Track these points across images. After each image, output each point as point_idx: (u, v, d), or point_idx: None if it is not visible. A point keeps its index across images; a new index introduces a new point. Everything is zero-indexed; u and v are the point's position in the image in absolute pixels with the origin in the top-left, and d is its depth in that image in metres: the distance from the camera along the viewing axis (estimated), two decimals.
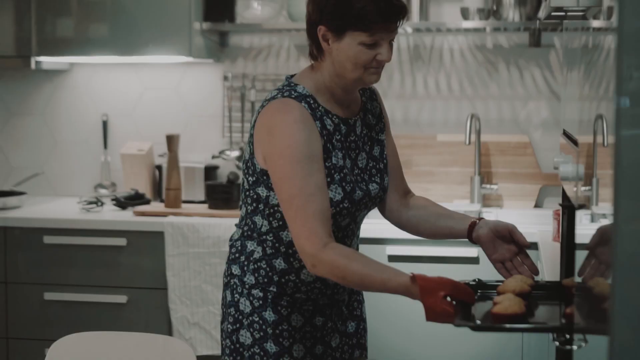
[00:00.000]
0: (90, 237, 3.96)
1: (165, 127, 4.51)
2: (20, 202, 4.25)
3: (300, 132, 2.19)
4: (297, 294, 2.37)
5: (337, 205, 2.27)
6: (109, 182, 4.55)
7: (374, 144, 2.42)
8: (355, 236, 2.42)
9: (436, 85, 4.35)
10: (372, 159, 2.40)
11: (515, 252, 2.32)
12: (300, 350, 2.38)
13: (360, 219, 2.41)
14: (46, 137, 4.66)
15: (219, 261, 3.85)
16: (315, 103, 2.28)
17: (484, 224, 2.34)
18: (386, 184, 2.41)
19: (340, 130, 2.31)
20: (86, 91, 4.61)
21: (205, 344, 3.89)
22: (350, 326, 2.49)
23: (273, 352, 2.35)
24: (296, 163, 2.17)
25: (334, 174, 2.27)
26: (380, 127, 2.45)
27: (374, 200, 2.39)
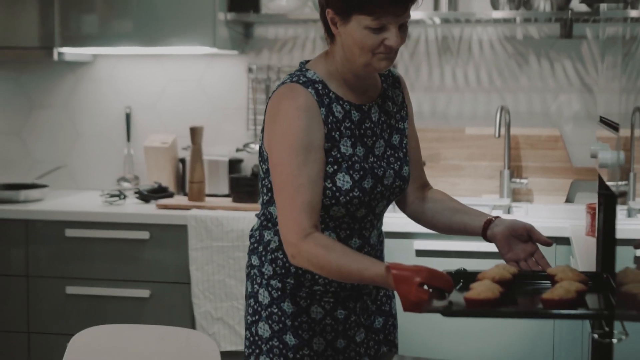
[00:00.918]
0: (113, 231, 3.92)
1: (188, 120, 4.46)
2: (42, 195, 4.21)
3: (301, 119, 2.15)
4: (315, 286, 2.31)
5: (347, 194, 2.21)
6: (132, 175, 4.50)
7: (393, 131, 2.35)
8: (374, 228, 2.34)
9: (465, 77, 4.28)
10: (391, 147, 2.33)
11: (531, 253, 2.26)
12: (321, 343, 2.32)
13: (380, 210, 2.33)
14: (68, 129, 4.61)
15: (242, 255, 3.79)
16: (325, 89, 2.23)
17: (500, 222, 2.29)
18: (405, 173, 2.34)
19: (351, 117, 2.26)
20: (109, 83, 4.56)
21: (229, 339, 3.83)
22: (378, 321, 2.42)
23: (292, 345, 2.30)
24: (292, 151, 2.14)
25: (341, 162, 2.22)
26: (401, 116, 2.38)
27: (392, 190, 2.31)
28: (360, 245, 2.31)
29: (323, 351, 2.32)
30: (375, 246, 2.36)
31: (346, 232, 2.28)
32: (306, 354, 2.31)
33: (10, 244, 4.01)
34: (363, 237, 2.31)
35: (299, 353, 2.31)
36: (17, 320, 4.02)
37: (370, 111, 2.30)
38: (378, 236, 2.37)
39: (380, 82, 2.35)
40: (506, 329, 3.59)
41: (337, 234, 2.27)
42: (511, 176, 4.14)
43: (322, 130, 2.18)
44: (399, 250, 3.58)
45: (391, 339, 2.44)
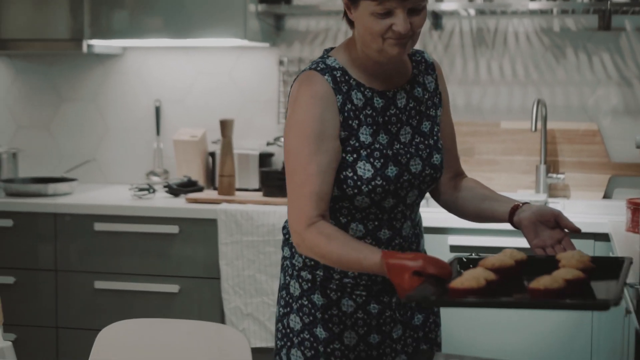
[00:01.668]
0: (142, 225, 3.87)
1: (218, 113, 4.41)
2: (71, 189, 4.18)
3: (314, 108, 2.13)
4: (345, 278, 2.26)
5: (369, 182, 2.16)
6: (161, 169, 4.46)
7: (423, 118, 2.28)
8: (407, 219, 2.27)
9: (500, 70, 4.19)
10: (420, 135, 2.26)
11: (558, 239, 2.16)
12: (352, 337, 2.26)
13: (412, 201, 2.26)
14: (98, 123, 4.59)
15: (273, 250, 3.73)
16: (344, 76, 2.19)
17: (527, 208, 2.19)
18: (437, 161, 2.26)
19: (373, 104, 2.20)
20: (138, 76, 4.53)
21: (259, 335, 3.77)
22: (417, 318, 2.34)
23: (323, 338, 2.26)
24: (304, 139, 2.12)
25: (360, 150, 2.17)
26: (433, 102, 2.30)
27: (422, 179, 2.24)
28: (390, 236, 2.25)
29: (355, 346, 2.27)
30: (409, 238, 2.28)
31: (374, 223, 2.23)
32: (337, 348, 2.27)
33: (39, 238, 3.98)
34: (394, 228, 2.25)
35: (329, 347, 2.26)
36: (45, 315, 3.99)
37: (395, 97, 2.24)
38: (412, 228, 2.30)
39: (411, 67, 2.29)
40: (544, 320, 3.51)
41: (364, 225, 2.22)
42: (547, 171, 4.05)
43: (336, 119, 2.15)
44: (433, 246, 3.50)
45: (432, 337, 2.36)
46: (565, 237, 2.16)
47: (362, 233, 2.22)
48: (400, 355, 2.31)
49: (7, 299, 3.91)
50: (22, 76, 4.64)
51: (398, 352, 2.31)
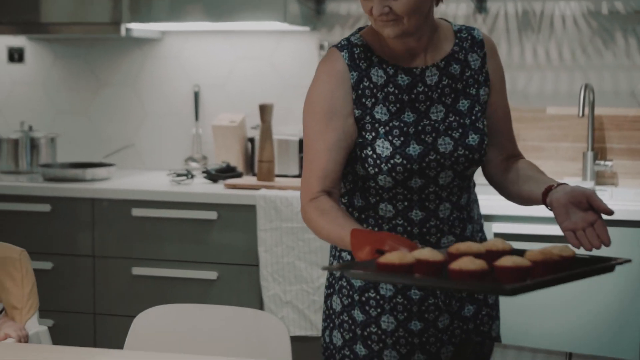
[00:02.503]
0: (180, 210, 3.83)
1: (258, 99, 4.36)
2: (109, 174, 4.15)
3: (325, 85, 2.15)
4: None
5: (387, 161, 2.13)
6: (200, 155, 4.42)
7: (460, 96, 2.20)
8: (445, 201, 2.19)
9: (546, 54, 4.09)
10: (455, 113, 2.19)
11: (591, 222, 2.02)
12: (391, 322, 2.21)
13: (446, 182, 2.18)
14: (136, 108, 4.55)
15: (313, 237, 3.67)
16: (366, 52, 2.17)
17: (561, 189, 2.07)
18: (473, 142, 2.18)
19: (396, 82, 2.16)
20: (177, 61, 4.49)
21: (298, 324, 3.72)
22: (468, 309, 2.26)
23: (360, 321, 2.22)
24: (315, 116, 2.15)
25: (378, 128, 2.14)
26: (476, 81, 2.22)
27: (455, 160, 2.16)
28: (423, 218, 2.18)
29: (393, 331, 2.21)
30: (449, 221, 2.20)
31: (404, 204, 2.18)
32: (373, 332, 2.22)
33: (76, 224, 3.95)
34: (427, 209, 2.18)
35: (366, 330, 2.22)
36: (83, 302, 3.96)
37: (423, 75, 2.18)
38: (456, 211, 2.21)
39: (451, 44, 2.22)
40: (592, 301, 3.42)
41: (393, 205, 2.18)
42: (595, 158, 3.95)
43: (348, 97, 2.15)
44: None
45: (485, 330, 2.28)
46: (598, 220, 2.03)
47: (392, 213, 2.18)
48: (447, 346, 2.24)
49: (44, 285, 3.89)
50: (61, 61, 4.62)
51: (444, 343, 2.24)
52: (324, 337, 2.31)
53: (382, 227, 2.20)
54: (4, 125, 4.67)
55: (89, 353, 2.20)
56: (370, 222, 2.21)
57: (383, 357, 2.22)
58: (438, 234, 2.19)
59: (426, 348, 2.23)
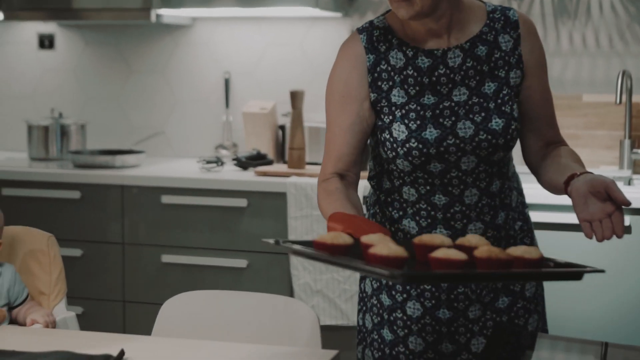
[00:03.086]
0: (210, 198, 3.80)
1: (289, 86, 4.31)
2: (139, 161, 4.13)
3: (342, 68, 2.16)
4: None
5: (403, 145, 2.09)
6: (230, 142, 4.39)
7: (486, 79, 2.13)
8: (470, 186, 2.13)
9: (582, 40, 4.02)
10: (479, 96, 2.12)
11: (608, 213, 1.93)
12: (417, 309, 2.18)
13: (469, 167, 2.11)
14: (166, 95, 4.53)
15: None
16: (386, 35, 2.14)
17: (582, 178, 1.99)
18: (497, 127, 2.10)
19: (415, 65, 2.12)
20: (208, 48, 4.45)
21: (328, 313, 3.67)
22: (502, 301, 2.20)
23: (387, 306, 2.20)
24: (331, 99, 2.17)
25: (394, 112, 2.12)
26: (506, 62, 2.14)
27: (477, 145, 2.09)
28: (447, 202, 2.13)
29: (419, 318, 2.17)
30: (477, 208, 2.14)
31: (426, 188, 2.14)
32: (399, 317, 2.19)
33: (106, 211, 3.94)
34: (450, 194, 2.13)
35: (392, 315, 2.19)
36: (112, 289, 3.95)
37: (445, 56, 2.12)
38: (486, 197, 2.14)
39: (481, 25, 2.15)
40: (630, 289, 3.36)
41: (416, 189, 2.14)
42: (632, 146, 3.87)
43: (364, 80, 2.13)
44: None
45: (520, 324, 2.22)
46: (616, 212, 1.93)
47: (415, 197, 2.15)
48: (478, 338, 2.19)
49: (74, 272, 3.89)
50: (91, 47, 4.60)
51: (475, 334, 2.18)
52: (358, 319, 2.30)
53: (407, 211, 2.16)
54: (34, 112, 4.66)
55: (116, 339, 2.17)
56: (396, 205, 2.18)
57: (408, 344, 2.19)
58: (464, 220, 2.14)
59: (455, 338, 2.18)
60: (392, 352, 2.21)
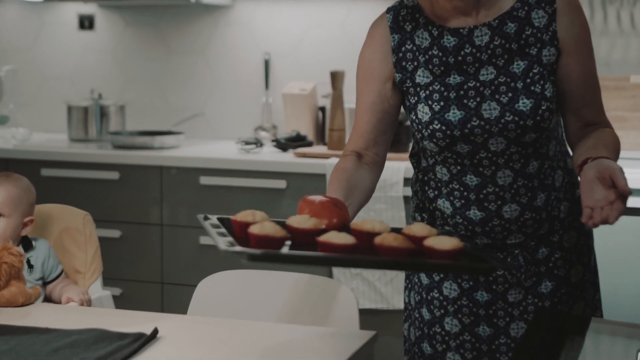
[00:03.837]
0: (249, 179, 3.77)
1: (329, 67, 4.26)
2: (178, 142, 4.12)
3: (365, 47, 2.16)
4: (446, 226, 2.13)
5: (427, 126, 2.06)
6: (270, 124, 4.35)
7: (515, 57, 2.05)
8: (503, 167, 2.06)
9: (631, 20, 3.93)
10: (507, 75, 2.04)
11: (611, 202, 1.83)
12: (453, 289, 2.14)
13: (499, 148, 2.04)
14: (206, 76, 4.50)
15: (384, 207, 3.57)
16: (414, 14, 2.10)
17: (594, 164, 1.91)
18: (524, 107, 2.01)
19: (440, 44, 2.07)
20: (248, 29, 4.41)
21: (367, 296, 3.63)
22: (545, 285, 2.13)
23: (425, 285, 2.16)
24: (357, 78, 2.17)
25: (419, 92, 2.08)
26: (538, 39, 2.05)
27: (503, 126, 2.01)
28: (479, 183, 2.07)
29: (456, 299, 2.13)
30: (510, 189, 2.07)
31: (457, 168, 2.09)
32: (436, 297, 2.16)
33: (145, 192, 3.93)
34: (482, 175, 2.07)
35: (429, 295, 2.17)
36: (151, 270, 3.94)
37: (471, 35, 2.05)
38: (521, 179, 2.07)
39: (513, 0, 2.07)
40: None
41: (447, 168, 2.10)
42: None
43: (387, 60, 2.11)
44: None
45: (564, 310, 2.15)
46: (617, 201, 1.83)
47: (447, 177, 2.10)
48: (517, 322, 2.12)
49: (112, 253, 3.88)
50: (131, 28, 4.59)
51: (514, 318, 2.12)
52: (404, 295, 2.29)
53: (442, 190, 2.12)
54: (74, 93, 4.66)
55: (151, 317, 2.14)
56: (432, 184, 2.15)
57: (444, 324, 2.15)
58: (498, 201, 2.07)
59: (493, 321, 2.13)
60: (429, 331, 2.18)
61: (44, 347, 1.89)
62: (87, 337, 1.93)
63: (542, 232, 2.11)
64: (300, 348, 1.94)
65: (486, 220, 2.07)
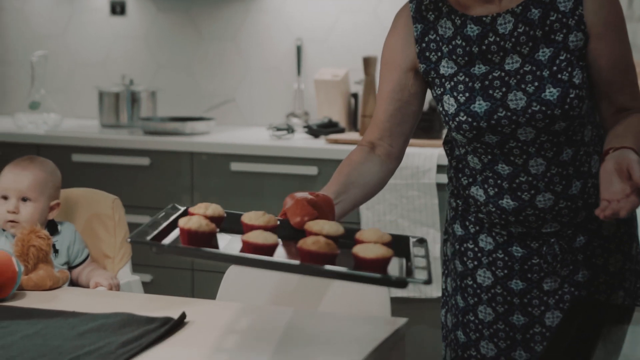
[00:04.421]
0: (280, 165, 3.76)
1: (361, 53, 4.22)
2: (209, 128, 4.11)
3: (389, 36, 2.14)
4: (479, 213, 2.10)
5: (453, 118, 2.02)
6: (302, 110, 4.32)
7: (540, 45, 1.98)
8: (535, 156, 2.01)
9: None
10: (532, 64, 1.98)
11: (627, 195, 1.81)
12: (487, 277, 2.10)
13: (529, 137, 1.99)
14: (237, 63, 4.48)
15: (417, 194, 3.53)
16: (437, 2, 2.05)
17: (616, 155, 1.86)
18: (551, 97, 1.96)
19: (463, 34, 2.01)
20: (280, 14, 4.38)
21: None
22: (582, 274, 2.08)
23: (459, 272, 2.14)
24: (381, 67, 2.16)
25: (444, 83, 2.04)
26: (564, 25, 1.98)
27: (530, 117, 1.96)
28: (511, 172, 2.03)
29: (489, 287, 2.10)
30: (543, 177, 2.02)
31: (487, 157, 2.05)
32: (469, 285, 2.13)
33: (175, 178, 3.92)
34: (513, 164, 2.02)
35: (463, 282, 2.14)
36: (182, 257, 3.91)
37: (494, 23, 2.00)
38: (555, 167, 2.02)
39: None
40: None
41: (479, 158, 2.06)
42: None
43: (409, 50, 2.09)
44: None
45: (601, 300, 2.10)
46: (632, 195, 1.79)
47: (479, 166, 2.06)
48: (553, 311, 2.08)
49: None
50: (162, 14, 4.57)
51: (550, 307, 2.08)
52: (442, 282, 2.27)
53: (476, 178, 2.08)
54: (105, 79, 4.65)
55: (179, 302, 2.13)
56: (466, 172, 2.11)
57: (478, 312, 2.12)
58: (532, 190, 2.03)
59: (527, 310, 2.09)
60: (463, 319, 2.16)
61: (70, 330, 1.88)
62: (113, 321, 1.91)
63: (579, 220, 2.06)
64: (331, 334, 1.91)
65: (519, 209, 2.04)
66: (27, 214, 2.39)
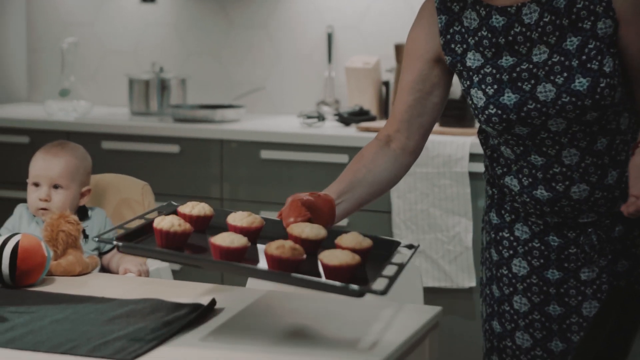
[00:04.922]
0: (310, 153, 3.74)
1: (393, 40, 4.19)
2: (238, 116, 4.09)
3: (413, 26, 2.11)
4: (515, 203, 2.07)
5: (482, 111, 1.98)
6: (332, 98, 4.29)
7: (567, 34, 1.93)
8: (567, 147, 1.96)
9: None
10: (560, 54, 1.93)
11: None
12: (523, 267, 2.07)
13: (560, 128, 1.95)
14: (268, 50, 4.45)
15: (448, 182, 3.49)
16: None
17: None
18: (581, 87, 1.91)
19: (489, 25, 1.96)
20: (311, 1, 4.36)
21: (431, 274, 3.55)
22: (621, 264, 2.04)
23: (494, 261, 2.11)
24: (403, 57, 2.13)
25: (472, 76, 1.99)
26: (591, 12, 1.92)
27: (561, 108, 1.91)
28: (545, 163, 1.99)
29: (525, 276, 2.06)
30: (578, 168, 1.98)
31: (520, 148, 2.01)
32: (505, 274, 2.10)
33: (205, 165, 3.91)
34: (546, 155, 1.98)
35: (499, 271, 2.10)
36: None
37: (519, 13, 1.94)
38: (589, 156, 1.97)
39: None
40: None
41: (511, 149, 2.02)
42: None
43: (433, 41, 2.05)
44: None
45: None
46: None
47: (512, 157, 2.03)
48: (590, 301, 2.04)
49: None
50: (192, 2, 4.56)
51: (587, 297, 2.04)
52: (479, 271, 2.27)
53: (511, 168, 2.04)
54: (135, 67, 4.64)
55: (209, 289, 2.11)
56: (501, 161, 2.07)
57: (513, 302, 2.09)
58: (566, 181, 1.99)
59: (564, 300, 2.05)
60: (499, 309, 2.13)
61: (99, 316, 1.86)
62: (143, 307, 1.90)
63: (617, 210, 2.02)
64: (365, 321, 1.90)
65: (554, 200, 2.00)
66: (59, 202, 2.38)
